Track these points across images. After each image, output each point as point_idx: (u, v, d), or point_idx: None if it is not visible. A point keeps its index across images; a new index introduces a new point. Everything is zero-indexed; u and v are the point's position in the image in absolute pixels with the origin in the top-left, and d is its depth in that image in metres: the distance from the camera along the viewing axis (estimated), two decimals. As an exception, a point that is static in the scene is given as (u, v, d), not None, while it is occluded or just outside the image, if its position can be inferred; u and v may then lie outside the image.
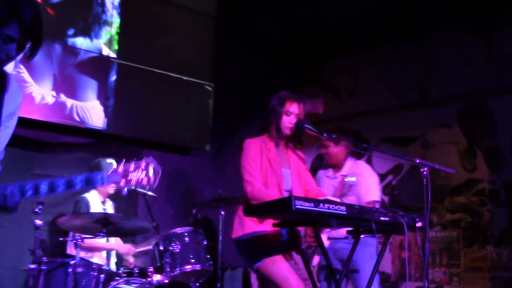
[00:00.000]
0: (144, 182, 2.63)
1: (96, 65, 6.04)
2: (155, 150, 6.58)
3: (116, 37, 6.20)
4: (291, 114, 4.01)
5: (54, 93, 5.66)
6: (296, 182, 4.06)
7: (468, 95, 6.44)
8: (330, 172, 4.93)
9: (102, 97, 6.04)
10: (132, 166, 2.65)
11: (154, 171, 2.67)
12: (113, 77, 6.16)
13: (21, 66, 5.43)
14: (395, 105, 7.03)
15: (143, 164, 2.66)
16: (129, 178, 2.62)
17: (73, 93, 5.82)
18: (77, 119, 5.85)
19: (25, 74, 5.48)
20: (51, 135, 5.89)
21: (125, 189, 2.61)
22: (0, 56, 2.49)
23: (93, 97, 5.97)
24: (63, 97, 5.72)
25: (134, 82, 6.28)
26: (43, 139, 5.82)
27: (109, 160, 5.35)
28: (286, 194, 3.96)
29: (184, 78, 6.66)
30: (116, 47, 6.21)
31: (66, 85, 5.77)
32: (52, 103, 5.64)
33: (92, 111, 5.94)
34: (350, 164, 4.83)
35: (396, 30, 6.83)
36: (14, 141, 2.69)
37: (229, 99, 7.24)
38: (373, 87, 7.30)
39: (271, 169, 3.97)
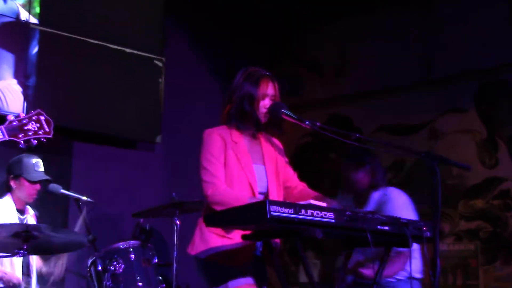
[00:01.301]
0: (40, 132, 3.39)
1: (12, 34, 5.97)
2: (91, 142, 6.56)
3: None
4: (266, 97, 4.01)
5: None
6: (273, 181, 4.07)
7: (486, 72, 6.51)
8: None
9: (21, 75, 6.00)
10: (24, 120, 3.45)
11: (46, 121, 3.44)
12: (35, 49, 6.11)
13: None
14: (393, 85, 7.08)
15: (33, 116, 3.42)
16: (25, 129, 3.38)
17: (-19, 70, 5.78)
18: (-12, 103, 5.82)
19: None
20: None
21: (23, 142, 3.37)
22: None
23: (8, 75, 5.93)
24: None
25: (62, 56, 6.25)
26: None
27: (34, 160, 5.33)
28: (260, 197, 3.97)
29: (127, 50, 6.65)
30: (37, 9, 6.14)
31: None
32: None
33: (7, 93, 5.90)
34: (377, 196, 4.78)
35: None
36: None
37: (185, 78, 7.21)
38: (365, 64, 7.34)
39: (239, 166, 3.97)
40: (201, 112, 6.97)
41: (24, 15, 6.03)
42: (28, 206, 5.38)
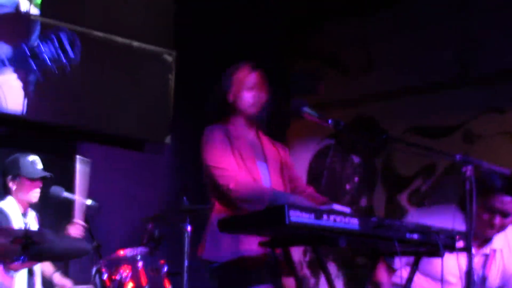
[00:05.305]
0: (61, 56, 2.95)
1: (11, 25, 6.04)
2: (96, 143, 6.62)
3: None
4: (250, 89, 4.18)
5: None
6: (277, 178, 4.18)
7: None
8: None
9: (21, 71, 6.05)
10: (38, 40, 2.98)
11: (69, 41, 2.96)
12: (35, 42, 6.16)
13: None
14: (423, 84, 7.09)
15: (51, 34, 2.98)
16: (38, 52, 2.95)
17: (-22, 64, 5.84)
18: (-15, 100, 5.88)
19: None
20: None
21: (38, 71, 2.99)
22: None
23: (7, 69, 5.97)
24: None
25: None
26: None
27: (31, 158, 5.41)
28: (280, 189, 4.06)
29: (135, 43, 6.70)
30: (38, 0, 6.22)
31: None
32: None
33: (6, 89, 5.95)
34: (503, 237, 4.46)
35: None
36: None
37: (196, 74, 7.27)
38: (392, 60, 7.35)
39: (242, 162, 4.08)
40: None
41: (24, 6, 6.10)
42: (29, 209, 5.46)
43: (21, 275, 5.20)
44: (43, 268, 5.37)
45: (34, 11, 6.19)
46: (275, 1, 7.72)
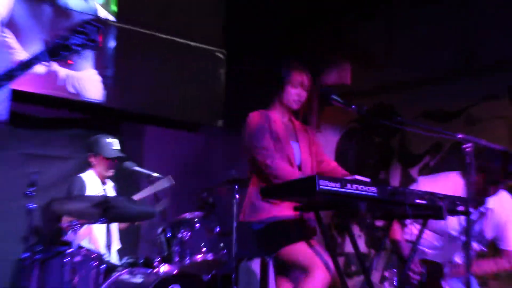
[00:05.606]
0: (89, 45, 2.80)
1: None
2: (160, 126, 6.67)
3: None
4: (298, 86, 4.15)
5: (44, 61, 5.75)
6: (307, 156, 4.19)
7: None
8: None
9: (100, 66, 6.11)
10: (66, 36, 2.79)
11: (97, 29, 2.81)
12: (112, 44, 6.22)
13: (6, 31, 5.50)
14: (433, 74, 7.01)
15: (77, 24, 2.81)
16: (68, 44, 2.77)
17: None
18: (72, 90, 5.94)
19: (12, 39, 5.56)
20: (43, 109, 5.96)
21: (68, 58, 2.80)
22: None
23: (89, 66, 6.04)
24: (55, 66, 5.79)
25: (136, 49, 6.37)
26: (34, 114, 5.90)
27: (109, 139, 5.47)
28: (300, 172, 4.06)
29: (192, 44, 6.73)
30: (114, 8, 6.26)
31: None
32: (43, 72, 5.72)
33: (88, 82, 6.01)
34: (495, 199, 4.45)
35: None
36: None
37: (244, 68, 7.27)
38: (408, 53, 7.27)
39: (278, 142, 4.09)
40: (258, 98, 7.00)
41: (102, 13, 6.16)
42: (107, 179, 5.53)
43: (101, 232, 5.29)
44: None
45: (111, 18, 6.23)
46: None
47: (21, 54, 5.55)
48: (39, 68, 5.63)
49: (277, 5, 7.50)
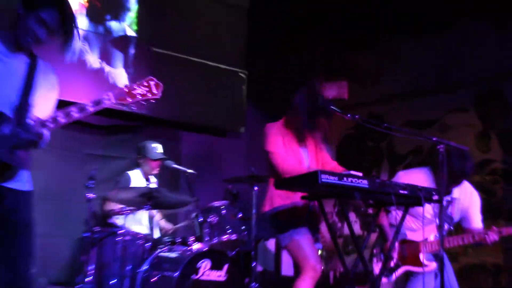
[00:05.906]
0: (149, 95, 2.94)
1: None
2: (194, 132, 6.72)
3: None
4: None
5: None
6: (313, 160, 4.20)
7: (483, 81, 6.46)
8: None
9: (126, 68, 6.09)
10: (135, 85, 2.94)
11: (156, 84, 2.97)
12: (151, 65, 6.25)
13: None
14: (413, 91, 7.06)
15: (144, 81, 2.95)
16: (134, 93, 2.91)
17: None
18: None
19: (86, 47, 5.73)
20: (99, 118, 6.04)
21: (132, 104, 2.93)
22: (28, 36, 2.74)
23: (120, 65, 6.04)
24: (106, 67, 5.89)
25: (173, 70, 6.32)
26: (93, 122, 6.00)
27: (154, 144, 5.51)
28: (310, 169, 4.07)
29: (222, 66, 6.74)
30: (135, 27, 6.31)
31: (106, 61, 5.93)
32: (96, 68, 5.83)
33: (117, 76, 5.99)
34: (459, 189, 4.46)
35: (418, 26, 6.86)
36: (69, 124, 2.89)
37: (261, 86, 7.28)
38: (393, 73, 7.31)
39: (290, 149, 4.11)
40: (274, 110, 7.03)
41: (129, 32, 6.20)
42: (151, 176, 5.58)
43: (144, 219, 5.35)
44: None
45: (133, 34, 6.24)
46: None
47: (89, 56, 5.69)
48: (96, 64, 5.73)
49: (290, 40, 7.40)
